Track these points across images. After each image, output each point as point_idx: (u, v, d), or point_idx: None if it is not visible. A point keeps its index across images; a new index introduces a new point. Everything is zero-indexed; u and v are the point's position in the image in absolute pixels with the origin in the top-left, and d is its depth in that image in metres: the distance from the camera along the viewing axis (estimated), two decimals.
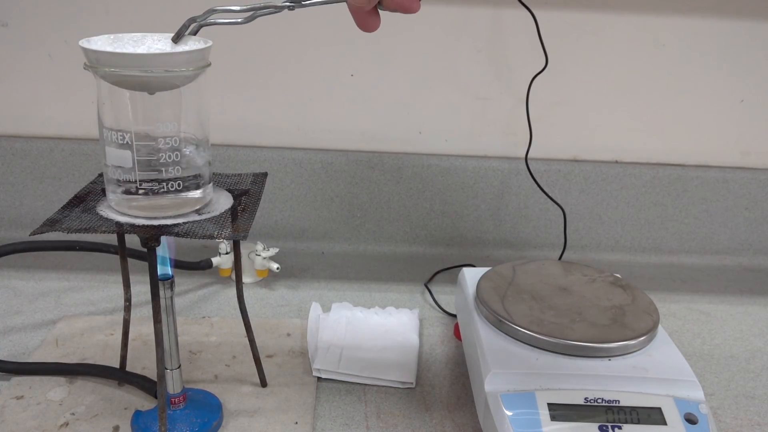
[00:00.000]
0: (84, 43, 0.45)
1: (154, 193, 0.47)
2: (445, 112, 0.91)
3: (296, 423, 0.56)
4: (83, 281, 0.80)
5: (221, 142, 0.91)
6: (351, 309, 0.73)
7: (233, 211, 0.50)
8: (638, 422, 0.48)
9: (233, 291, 0.78)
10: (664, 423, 0.48)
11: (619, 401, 0.49)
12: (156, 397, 0.56)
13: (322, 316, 0.72)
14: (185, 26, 0.46)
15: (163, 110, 0.46)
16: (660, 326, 0.57)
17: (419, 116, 0.92)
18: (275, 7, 0.47)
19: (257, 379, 0.61)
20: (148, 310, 0.68)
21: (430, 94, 0.90)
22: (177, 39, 0.46)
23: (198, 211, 0.49)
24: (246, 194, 0.54)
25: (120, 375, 0.60)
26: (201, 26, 0.46)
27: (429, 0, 0.85)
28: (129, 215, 0.48)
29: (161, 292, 0.49)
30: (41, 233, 0.45)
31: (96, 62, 0.44)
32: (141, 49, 0.47)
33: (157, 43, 0.48)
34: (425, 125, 0.92)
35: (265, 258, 0.79)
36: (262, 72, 0.89)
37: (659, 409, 0.49)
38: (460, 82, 0.90)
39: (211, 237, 0.46)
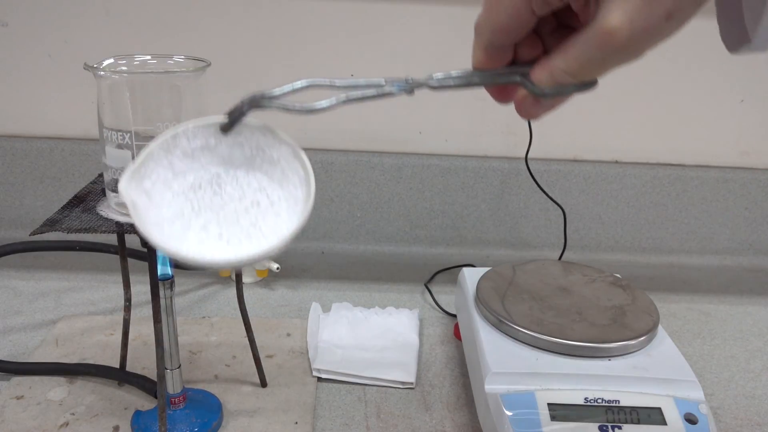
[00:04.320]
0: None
1: None
2: (445, 112, 0.91)
3: (296, 423, 0.56)
4: (83, 281, 0.80)
5: None
6: (351, 309, 0.73)
7: None
8: (638, 422, 0.48)
9: (233, 291, 0.78)
10: (664, 423, 0.48)
11: (619, 401, 0.49)
12: (156, 397, 0.56)
13: (322, 316, 0.72)
14: (241, 111, 0.34)
15: (163, 110, 0.47)
16: (660, 326, 0.57)
17: (419, 116, 0.92)
18: (382, 93, 0.35)
19: (257, 379, 0.61)
20: (148, 310, 0.68)
21: (430, 94, 0.90)
22: (229, 128, 0.35)
23: None
24: None
25: (120, 375, 0.60)
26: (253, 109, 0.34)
27: (429, 0, 0.85)
28: (129, 215, 0.47)
29: (161, 292, 0.49)
30: (41, 233, 0.45)
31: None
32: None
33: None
34: (425, 125, 0.92)
35: None
36: (261, 72, 0.88)
37: (659, 409, 0.49)
38: None
39: None
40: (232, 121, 0.34)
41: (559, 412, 0.49)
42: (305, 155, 0.35)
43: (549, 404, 0.49)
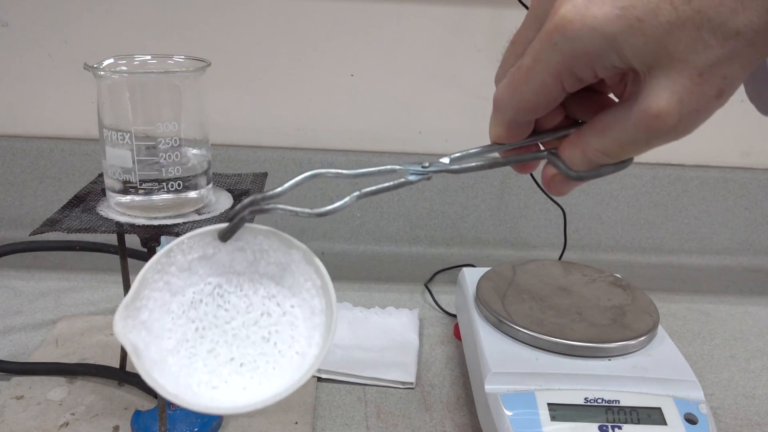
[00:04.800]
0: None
1: (154, 193, 0.47)
2: (445, 112, 0.91)
3: (296, 423, 0.56)
4: (83, 281, 0.79)
5: (221, 142, 0.91)
6: (351, 309, 0.73)
7: None
8: (638, 422, 0.48)
9: None
10: (664, 423, 0.48)
11: (619, 401, 0.49)
12: (156, 397, 0.56)
13: None
14: (242, 218, 0.31)
15: (163, 110, 0.47)
16: (660, 326, 0.57)
17: (419, 116, 0.92)
18: (399, 184, 0.32)
19: None
20: None
21: (430, 94, 0.90)
22: (229, 236, 0.32)
23: (198, 211, 0.49)
24: (246, 194, 0.54)
25: (120, 375, 0.60)
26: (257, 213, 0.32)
27: (429, 0, 0.85)
28: (129, 215, 0.48)
29: None
30: (41, 233, 0.45)
31: None
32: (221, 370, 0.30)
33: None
34: (425, 125, 0.92)
35: None
36: (262, 72, 0.89)
37: (659, 409, 0.49)
38: (460, 82, 0.90)
39: None
40: (231, 229, 0.31)
41: (559, 412, 0.49)
42: (319, 260, 0.31)
43: (549, 404, 0.49)
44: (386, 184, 0.32)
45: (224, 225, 0.31)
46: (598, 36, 0.26)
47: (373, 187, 0.31)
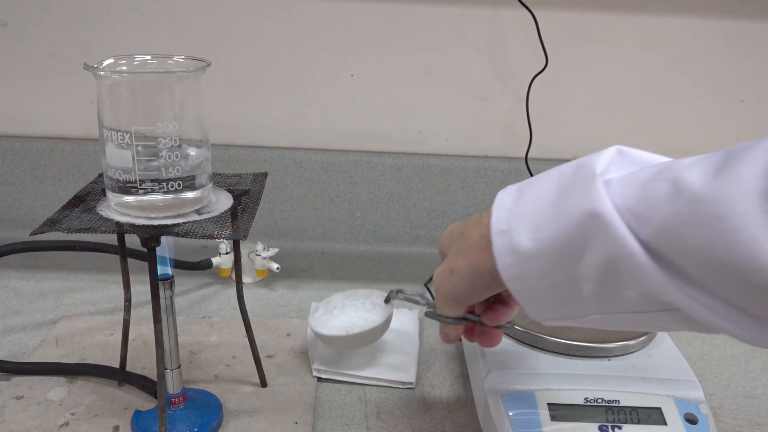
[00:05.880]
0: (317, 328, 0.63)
1: (154, 193, 0.47)
2: (445, 112, 0.91)
3: (296, 423, 0.56)
4: (83, 281, 0.80)
5: (221, 142, 0.91)
6: None
7: (233, 211, 0.50)
8: (638, 422, 0.48)
9: (233, 291, 0.78)
10: (664, 423, 0.48)
11: (619, 401, 0.49)
12: (156, 397, 0.56)
13: None
14: (392, 296, 0.59)
15: (163, 110, 0.47)
16: None
17: (419, 116, 0.92)
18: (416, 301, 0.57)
19: (257, 379, 0.61)
20: (148, 310, 0.68)
21: (430, 94, 0.90)
22: (387, 302, 0.62)
23: (198, 211, 0.49)
24: (246, 194, 0.54)
25: (120, 375, 0.60)
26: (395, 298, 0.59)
27: (429, 0, 0.85)
28: (129, 215, 0.48)
29: (161, 292, 0.49)
30: (41, 233, 0.45)
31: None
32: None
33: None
34: (425, 125, 0.92)
35: (265, 258, 0.79)
36: (262, 72, 0.89)
37: (659, 409, 0.49)
38: (460, 82, 0.90)
39: (211, 237, 0.46)
40: (387, 300, 0.61)
41: (559, 412, 0.49)
42: (392, 318, 0.62)
43: (549, 404, 0.49)
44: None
45: (386, 294, 0.62)
46: (442, 240, 0.47)
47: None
